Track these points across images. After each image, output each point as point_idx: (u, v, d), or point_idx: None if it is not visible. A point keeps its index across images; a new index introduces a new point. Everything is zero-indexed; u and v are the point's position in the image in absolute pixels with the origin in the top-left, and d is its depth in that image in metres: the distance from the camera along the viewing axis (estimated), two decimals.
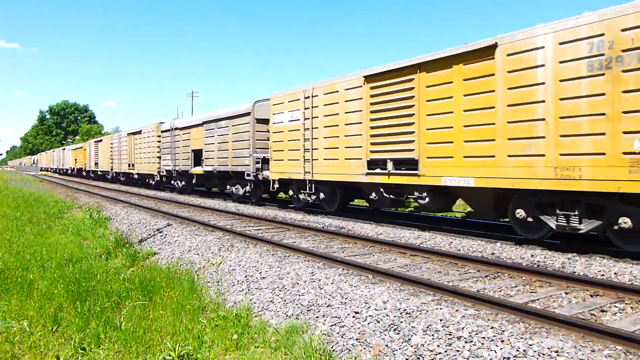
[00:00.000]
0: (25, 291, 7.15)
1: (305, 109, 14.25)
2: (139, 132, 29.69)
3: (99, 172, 40.49)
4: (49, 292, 7.06)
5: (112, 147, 35.71)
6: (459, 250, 8.77)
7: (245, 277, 7.71)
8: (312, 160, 13.92)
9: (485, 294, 5.83)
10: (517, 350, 4.25)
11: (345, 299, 6.03)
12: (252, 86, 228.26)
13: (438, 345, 4.63)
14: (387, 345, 4.89)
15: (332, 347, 5.15)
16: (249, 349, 5.38)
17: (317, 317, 5.85)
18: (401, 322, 5.17)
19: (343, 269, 7.35)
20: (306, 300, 6.29)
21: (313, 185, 14.25)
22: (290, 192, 15.59)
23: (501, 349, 4.34)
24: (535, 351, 4.20)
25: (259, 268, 7.91)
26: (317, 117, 13.79)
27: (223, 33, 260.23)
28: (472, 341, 4.55)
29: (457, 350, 4.49)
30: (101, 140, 40.15)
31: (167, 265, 9.11)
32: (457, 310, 5.23)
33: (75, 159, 50.14)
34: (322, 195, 14.09)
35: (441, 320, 5.03)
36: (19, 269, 8.37)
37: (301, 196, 14.90)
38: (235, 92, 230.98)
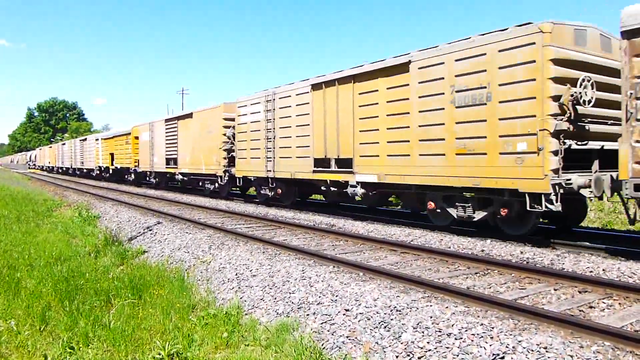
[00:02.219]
0: (12, 290, 7.07)
1: None
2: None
3: (183, 176, 22.02)
4: (37, 291, 6.99)
5: (248, 122, 16.38)
6: (450, 247, 8.80)
7: (236, 275, 7.68)
8: None
9: (475, 291, 5.86)
10: (507, 347, 4.28)
11: (336, 296, 6.03)
12: (245, 83, 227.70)
13: (428, 342, 4.64)
14: (377, 343, 4.90)
15: (322, 345, 5.14)
16: (239, 347, 5.36)
17: (307, 314, 5.84)
18: (391, 320, 5.18)
19: (334, 267, 7.35)
20: (297, 298, 6.28)
21: None
22: None
23: (491, 345, 4.36)
24: (524, 347, 4.23)
25: (249, 266, 7.89)
26: None
27: (213, 30, 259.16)
28: (461, 338, 4.57)
29: (447, 347, 4.50)
30: (189, 116, 21.30)
31: (157, 264, 9.06)
32: (447, 307, 5.25)
33: (112, 154, 33.28)
34: None
35: (431, 317, 5.04)
36: (6, 267, 8.28)
37: None
38: (226, 90, 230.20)
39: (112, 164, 33.37)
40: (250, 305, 6.56)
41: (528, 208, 8.29)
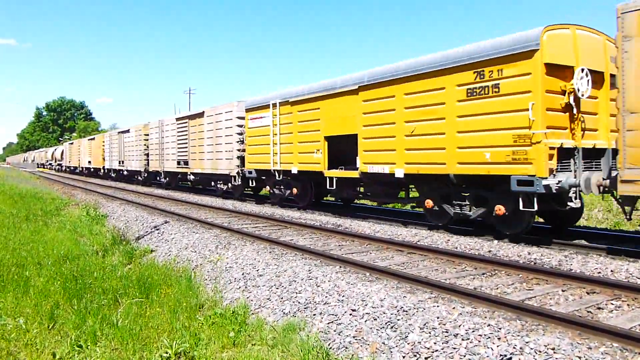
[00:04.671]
0: (21, 288, 7.12)
1: None
2: None
3: None
4: (46, 289, 7.04)
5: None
6: (456, 248, 8.78)
7: (243, 274, 7.70)
8: None
9: (482, 292, 5.84)
10: (514, 348, 4.26)
11: (343, 296, 6.03)
12: (249, 84, 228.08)
13: (435, 343, 4.64)
14: (384, 343, 4.89)
15: (329, 345, 5.15)
16: (246, 346, 5.37)
17: (314, 314, 5.84)
18: (398, 320, 5.17)
19: (340, 267, 7.35)
20: (303, 298, 6.29)
21: None
22: None
23: (498, 346, 4.34)
24: (532, 348, 4.21)
25: (256, 266, 7.91)
26: None
27: (220, 29, 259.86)
28: (469, 338, 4.56)
29: (454, 348, 4.49)
30: None
31: (164, 263, 9.10)
32: (454, 308, 5.24)
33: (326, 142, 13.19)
34: None
35: (438, 317, 5.03)
36: (15, 266, 8.34)
37: None
38: (232, 89, 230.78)
39: (325, 168, 13.39)
40: (257, 305, 6.57)
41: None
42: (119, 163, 32.93)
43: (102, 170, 38.10)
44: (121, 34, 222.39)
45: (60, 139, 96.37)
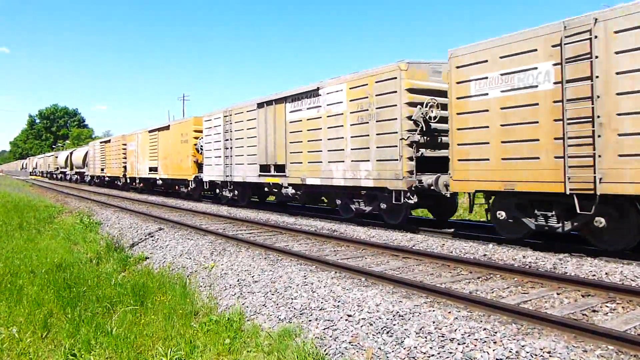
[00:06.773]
0: (14, 297, 7.07)
1: None
2: None
3: None
4: (39, 298, 6.99)
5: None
6: (452, 252, 8.78)
7: (238, 281, 7.67)
8: None
9: (477, 296, 5.84)
10: (510, 352, 4.26)
11: (338, 302, 6.02)
12: (245, 89, 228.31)
13: (431, 347, 4.63)
14: (380, 348, 4.88)
15: (325, 351, 5.13)
16: (242, 353, 5.34)
17: (309, 320, 5.82)
18: (394, 325, 5.17)
19: (336, 272, 7.34)
20: (299, 304, 6.27)
21: None
22: None
23: (494, 350, 4.34)
24: (527, 352, 4.21)
25: (251, 272, 7.88)
26: None
27: (213, 37, 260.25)
28: (464, 343, 4.56)
29: (450, 352, 4.49)
30: None
31: (159, 270, 9.05)
32: (449, 312, 5.24)
33: None
34: None
35: (434, 322, 5.03)
36: (8, 274, 8.28)
37: None
38: (226, 96, 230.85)
39: None
40: (253, 311, 6.55)
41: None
42: (262, 170, 15.98)
43: (189, 185, 21.28)
44: (116, 42, 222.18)
45: (53, 146, 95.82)
